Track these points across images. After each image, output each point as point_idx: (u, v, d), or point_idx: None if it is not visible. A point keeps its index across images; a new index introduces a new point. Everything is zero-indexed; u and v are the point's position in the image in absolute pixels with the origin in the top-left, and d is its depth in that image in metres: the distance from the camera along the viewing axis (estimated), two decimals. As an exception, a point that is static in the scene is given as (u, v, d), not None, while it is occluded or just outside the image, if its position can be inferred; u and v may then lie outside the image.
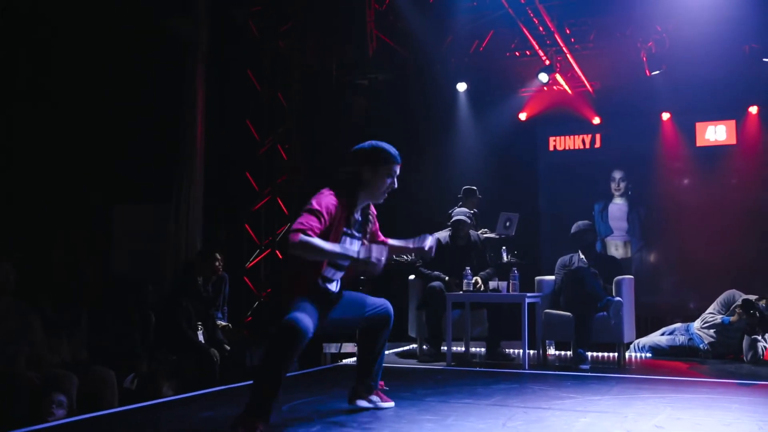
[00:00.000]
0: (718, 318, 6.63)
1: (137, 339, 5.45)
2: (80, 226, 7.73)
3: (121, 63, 7.83)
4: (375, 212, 3.70)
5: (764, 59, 7.97)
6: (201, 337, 5.87)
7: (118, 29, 7.70)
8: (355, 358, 6.09)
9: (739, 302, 6.52)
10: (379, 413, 3.75)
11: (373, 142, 3.60)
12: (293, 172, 9.07)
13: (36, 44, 7.63)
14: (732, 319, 6.47)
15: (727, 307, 6.68)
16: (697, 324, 6.80)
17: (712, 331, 6.61)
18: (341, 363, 6.24)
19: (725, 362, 6.29)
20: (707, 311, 6.85)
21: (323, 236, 3.25)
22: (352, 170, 3.51)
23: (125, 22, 7.70)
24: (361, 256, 3.22)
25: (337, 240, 3.37)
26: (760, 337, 6.26)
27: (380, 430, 3.35)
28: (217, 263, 6.74)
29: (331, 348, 7.25)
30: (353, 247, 3.42)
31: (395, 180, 3.55)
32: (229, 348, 5.98)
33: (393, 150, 3.56)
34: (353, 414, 3.72)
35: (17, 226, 7.24)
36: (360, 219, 3.58)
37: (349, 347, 7.09)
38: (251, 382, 3.22)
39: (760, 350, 6.21)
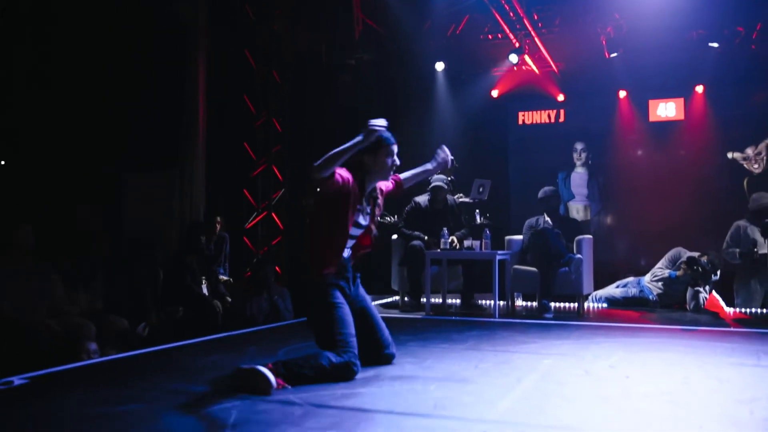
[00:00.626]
0: (666, 272, 6.70)
1: (148, 293, 5.44)
2: (95, 193, 7.66)
3: (129, 46, 7.69)
4: (383, 189, 3.67)
5: (710, 44, 7.97)
6: (205, 290, 5.89)
7: (124, 13, 7.55)
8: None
9: (684, 258, 6.59)
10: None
11: (379, 132, 3.45)
12: (287, 143, 9.04)
13: (40, 27, 7.48)
14: (678, 273, 6.55)
15: (673, 263, 6.76)
16: (647, 278, 6.88)
17: (660, 284, 6.70)
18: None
19: (671, 311, 6.39)
20: (656, 266, 6.92)
21: (343, 206, 3.32)
22: (357, 160, 3.42)
23: (131, 6, 7.56)
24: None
25: (353, 214, 3.37)
26: (701, 289, 6.36)
27: (366, 369, 3.36)
28: (217, 224, 6.74)
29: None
30: (365, 221, 3.46)
31: (395, 158, 3.51)
32: (230, 300, 6.00)
33: (386, 134, 3.45)
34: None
35: (39, 195, 7.17)
36: (370, 198, 3.55)
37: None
38: (295, 361, 3.03)
39: (701, 300, 6.31)
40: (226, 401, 2.71)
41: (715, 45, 7.99)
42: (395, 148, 3.52)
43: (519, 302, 6.82)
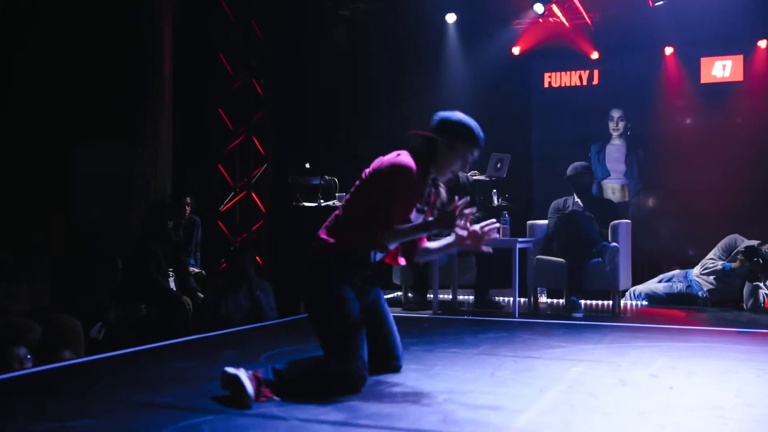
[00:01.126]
0: (719, 264, 6.72)
1: (104, 287, 5.44)
2: (37, 170, 7.60)
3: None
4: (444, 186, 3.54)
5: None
6: (172, 285, 5.89)
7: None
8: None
9: (741, 248, 6.61)
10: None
11: (462, 117, 3.46)
12: (270, 109, 9.00)
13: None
14: (733, 265, 6.57)
15: (728, 253, 6.77)
16: (696, 270, 6.90)
17: (711, 277, 6.72)
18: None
19: (724, 310, 6.41)
20: (707, 257, 6.94)
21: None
22: (430, 138, 3.40)
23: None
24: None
25: (411, 212, 3.36)
26: (761, 285, 6.37)
27: (363, 379, 3.40)
28: (187, 206, 6.74)
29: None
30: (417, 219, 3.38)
31: (467, 163, 3.47)
32: (202, 296, 6.01)
33: (479, 132, 3.42)
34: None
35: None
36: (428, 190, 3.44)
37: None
38: (290, 367, 3.04)
39: (761, 298, 6.33)
40: (195, 416, 2.72)
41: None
42: (477, 153, 3.48)
43: (543, 299, 6.84)
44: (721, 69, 8.70)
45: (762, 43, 8.50)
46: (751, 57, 8.59)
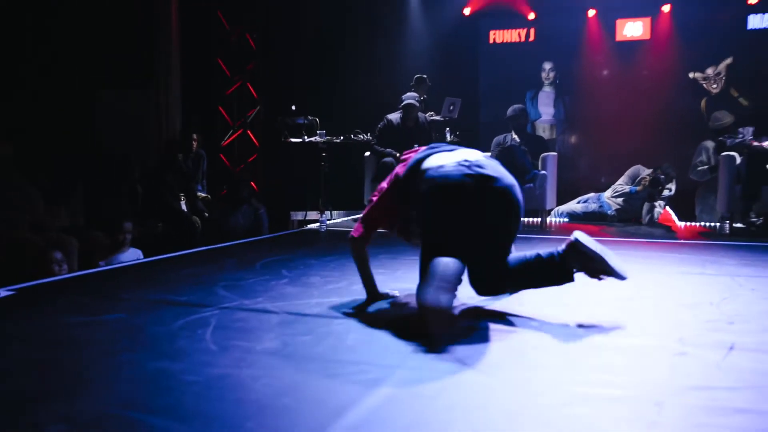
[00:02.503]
0: (627, 188, 6.84)
1: (128, 208, 5.43)
2: (70, 109, 7.47)
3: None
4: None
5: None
6: (183, 207, 5.89)
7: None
8: (317, 224, 6.18)
9: (645, 175, 6.72)
10: (341, 268, 3.84)
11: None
12: (261, 59, 8.84)
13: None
14: (638, 188, 6.69)
15: (633, 180, 6.89)
16: (608, 193, 7.02)
17: (620, 199, 6.84)
18: (306, 228, 6.33)
19: (628, 225, 6.55)
20: (617, 183, 7.06)
21: None
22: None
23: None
24: None
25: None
26: (656, 204, 6.52)
27: (339, 280, 3.46)
28: (194, 142, 6.67)
29: (298, 215, 7.33)
30: None
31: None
32: (207, 215, 6.02)
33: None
34: (316, 268, 3.82)
35: (15, 112, 6.97)
36: None
37: (313, 215, 7.16)
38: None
39: (655, 215, 6.49)
40: (203, 311, 2.77)
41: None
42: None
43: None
44: (632, 29, 8.68)
45: (665, 8, 8.46)
46: (657, 19, 8.56)
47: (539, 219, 6.40)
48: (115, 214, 5.20)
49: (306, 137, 7.13)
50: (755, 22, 8.26)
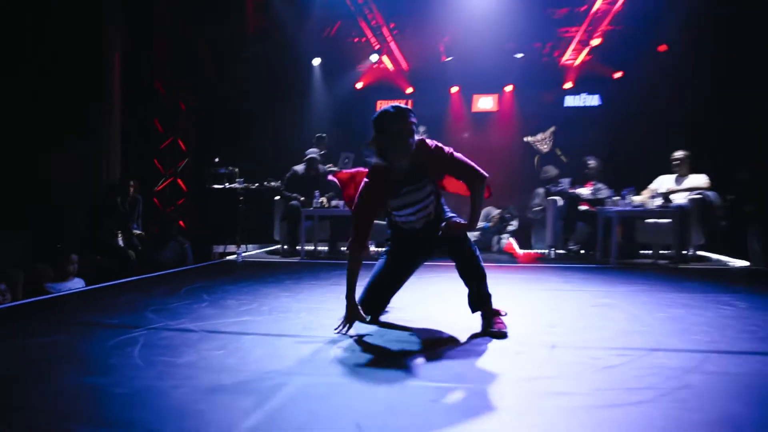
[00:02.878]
0: (482, 224, 7.09)
1: (73, 243, 5.12)
2: (26, 161, 6.94)
3: (47, 30, 6.93)
4: (433, 148, 2.72)
5: (515, 54, 8.46)
6: (120, 242, 5.63)
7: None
8: (235, 256, 6.06)
9: (495, 214, 7.03)
10: (254, 292, 3.78)
11: (377, 113, 2.68)
12: (190, 120, 8.65)
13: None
14: (490, 224, 6.97)
15: (486, 218, 7.19)
16: None
17: (477, 233, 7.06)
18: (225, 259, 6.19)
19: (481, 253, 6.77)
20: None
21: (375, 209, 2.75)
22: (375, 142, 2.67)
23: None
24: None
25: (385, 204, 2.77)
26: (502, 237, 6.86)
27: (251, 303, 3.41)
28: (131, 187, 6.41)
29: (219, 248, 7.14)
30: (416, 196, 2.78)
31: (406, 133, 2.61)
32: (141, 249, 5.77)
33: (390, 112, 2.62)
34: (232, 293, 3.74)
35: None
36: (410, 170, 2.72)
37: (232, 248, 7.01)
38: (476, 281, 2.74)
39: (502, 244, 6.82)
40: (135, 330, 2.67)
41: (520, 55, 8.49)
42: (402, 125, 2.61)
43: (372, 248, 7.01)
44: (485, 102, 9.20)
45: (508, 88, 9.03)
46: (502, 95, 9.12)
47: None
48: (62, 248, 4.90)
49: (227, 184, 7.02)
50: (569, 101, 9.01)
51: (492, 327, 2.67)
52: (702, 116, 7.52)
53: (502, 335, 2.61)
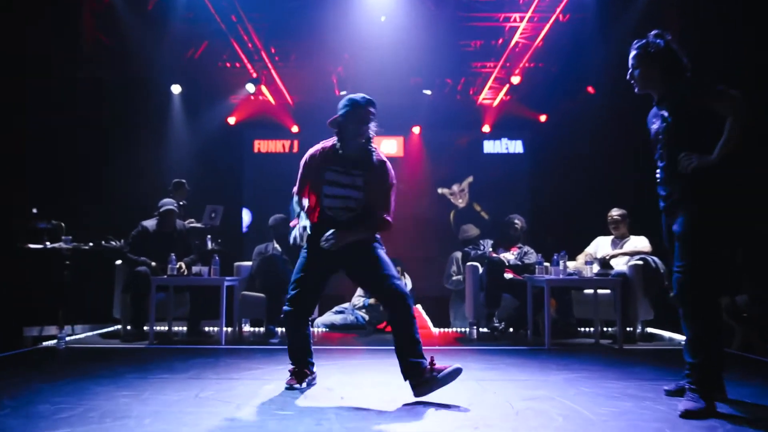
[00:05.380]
0: (362, 301, 7.00)
1: None
2: None
3: None
4: (383, 162, 3.73)
5: (423, 91, 8.79)
6: None
7: None
8: (55, 341, 5.57)
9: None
10: (79, 392, 3.47)
11: (347, 97, 3.66)
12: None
13: None
14: (371, 300, 6.87)
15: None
16: (354, 302, 7.13)
17: (363, 311, 6.99)
18: (40, 345, 5.65)
19: (382, 332, 6.70)
20: (355, 294, 7.15)
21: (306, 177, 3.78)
22: (335, 121, 3.65)
23: None
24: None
25: (319, 178, 3.66)
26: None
27: (74, 407, 3.10)
28: None
29: (32, 331, 6.54)
30: (348, 180, 3.64)
31: (365, 119, 3.58)
32: None
33: (357, 98, 3.61)
34: (46, 393, 3.42)
35: None
36: (353, 156, 3.62)
37: (51, 330, 6.44)
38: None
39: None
40: None
41: (429, 92, 8.83)
42: (364, 113, 3.59)
43: (246, 328, 6.77)
44: (388, 146, 9.42)
45: (416, 129, 9.33)
46: (408, 138, 9.39)
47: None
48: None
49: (48, 243, 6.51)
50: (489, 147, 9.45)
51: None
52: (641, 166, 8.11)
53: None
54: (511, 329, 6.32)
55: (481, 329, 6.42)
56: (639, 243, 6.23)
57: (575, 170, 8.78)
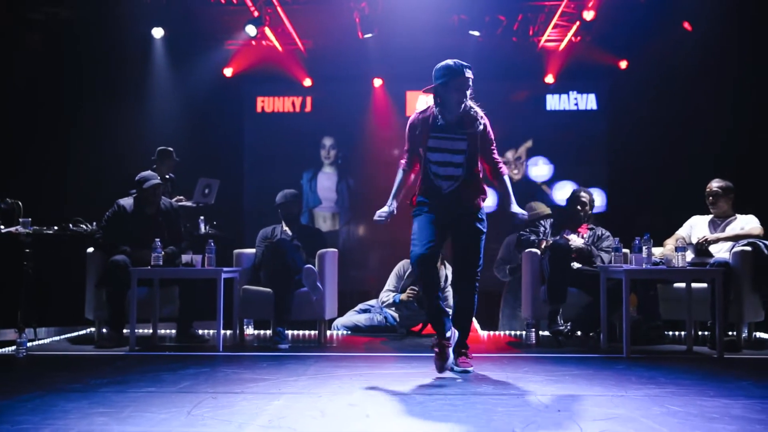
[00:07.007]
0: (392, 297, 6.99)
1: None
2: None
3: None
4: (483, 118, 4.66)
5: (470, 31, 8.71)
6: None
7: None
8: (13, 348, 5.72)
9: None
10: (43, 409, 3.58)
11: (441, 63, 4.52)
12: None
13: None
14: (402, 297, 6.87)
15: (399, 280, 7.06)
16: (379, 303, 7.12)
17: (393, 308, 6.99)
18: None
19: (416, 336, 6.73)
20: (385, 287, 7.15)
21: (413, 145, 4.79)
22: (433, 89, 4.54)
23: None
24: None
25: (425, 143, 4.65)
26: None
27: (38, 428, 3.20)
28: None
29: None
30: (451, 145, 4.62)
31: (464, 88, 4.48)
32: None
33: (453, 66, 4.45)
34: (8, 413, 3.53)
35: None
36: (454, 121, 4.57)
37: (9, 334, 6.61)
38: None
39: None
40: None
41: (477, 33, 8.76)
42: (462, 81, 4.47)
43: (249, 331, 6.87)
44: (424, 102, 9.36)
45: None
46: (452, 92, 9.32)
47: (316, 332, 6.47)
48: None
49: (2, 227, 6.65)
50: (552, 102, 9.36)
51: (458, 364, 4.59)
52: (753, 127, 7.92)
53: (466, 372, 4.54)
54: (579, 332, 6.31)
55: (541, 332, 6.43)
56: (747, 224, 6.16)
57: (665, 131, 8.67)
